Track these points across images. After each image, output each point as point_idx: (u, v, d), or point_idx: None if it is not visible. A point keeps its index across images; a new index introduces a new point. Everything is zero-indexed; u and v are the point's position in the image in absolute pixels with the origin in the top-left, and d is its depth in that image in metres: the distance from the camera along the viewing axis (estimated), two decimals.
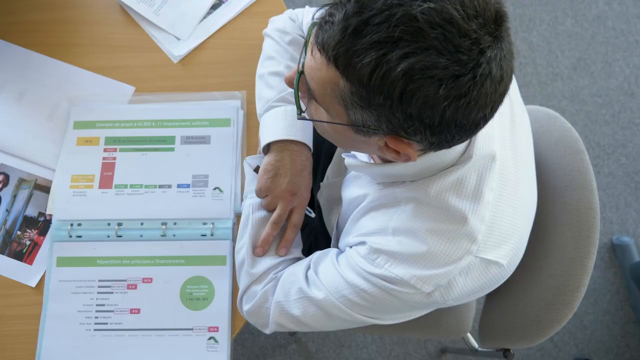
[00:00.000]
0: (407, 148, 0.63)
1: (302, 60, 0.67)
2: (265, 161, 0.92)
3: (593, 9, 2.09)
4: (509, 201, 0.75)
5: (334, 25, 0.57)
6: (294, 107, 0.93)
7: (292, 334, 1.71)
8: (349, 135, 0.67)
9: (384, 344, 1.72)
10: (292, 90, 0.92)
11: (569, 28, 2.07)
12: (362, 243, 0.78)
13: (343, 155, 0.83)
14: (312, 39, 0.64)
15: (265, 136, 0.92)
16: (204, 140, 1.04)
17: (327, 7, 0.60)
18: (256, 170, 0.96)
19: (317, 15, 0.62)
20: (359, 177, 0.87)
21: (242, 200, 1.00)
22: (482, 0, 0.56)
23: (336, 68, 0.59)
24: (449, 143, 0.63)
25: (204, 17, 1.13)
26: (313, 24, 0.67)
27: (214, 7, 1.13)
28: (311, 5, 1.09)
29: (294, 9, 1.05)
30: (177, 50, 1.11)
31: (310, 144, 0.93)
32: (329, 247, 1.03)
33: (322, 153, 1.16)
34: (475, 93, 0.56)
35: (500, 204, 0.74)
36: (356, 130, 0.65)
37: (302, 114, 0.69)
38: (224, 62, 1.11)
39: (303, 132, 0.92)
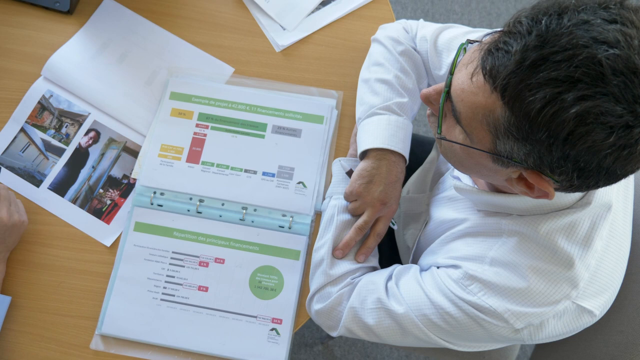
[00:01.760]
0: (545, 185, 0.63)
1: (448, 78, 0.67)
2: (361, 167, 0.92)
3: None
4: (613, 253, 0.74)
5: (509, 54, 0.57)
6: (398, 118, 0.93)
7: (328, 337, 1.71)
8: (482, 161, 0.66)
9: None
10: (398, 100, 0.93)
11: None
12: (455, 267, 0.78)
13: (453, 180, 0.83)
14: (466, 60, 0.64)
15: (365, 142, 0.92)
16: (294, 133, 1.05)
17: (498, 32, 0.60)
18: (348, 173, 0.96)
19: (487, 39, 0.62)
20: (455, 199, 0.86)
21: (323, 199, 1.00)
22: None
23: (501, 97, 0.59)
24: (588, 187, 0.63)
25: (312, 12, 1.13)
26: (463, 45, 0.67)
27: (324, 4, 1.14)
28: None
29: (407, 19, 1.05)
30: (281, 39, 1.11)
31: (407, 157, 0.93)
32: (393, 258, 1.03)
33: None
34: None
35: (605, 254, 0.73)
36: (495, 159, 0.64)
37: (441, 135, 0.69)
38: (325, 59, 1.11)
39: (403, 144, 0.92)
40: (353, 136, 1.02)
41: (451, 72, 0.67)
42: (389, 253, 1.12)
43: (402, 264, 1.12)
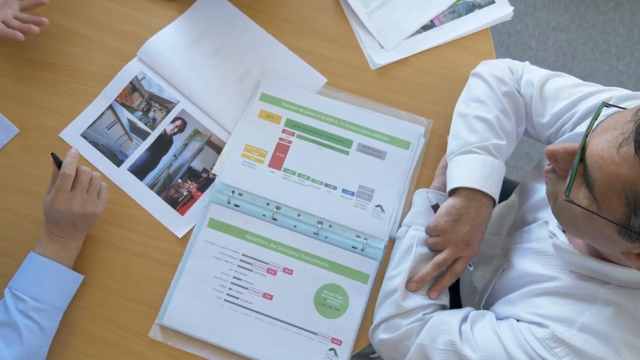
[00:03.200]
0: None
1: (583, 141, 0.65)
2: (449, 203, 0.90)
3: None
4: None
5: None
6: (494, 160, 0.91)
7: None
8: (604, 230, 0.65)
9: None
10: (496, 142, 0.91)
11: None
12: (540, 325, 0.76)
13: (547, 234, 0.81)
14: (608, 126, 0.62)
15: (458, 179, 0.91)
16: (379, 154, 1.03)
17: None
18: (434, 206, 0.95)
19: (633, 107, 0.60)
20: (544, 254, 0.84)
21: (399, 226, 0.99)
22: None
23: None
24: None
25: (413, 34, 1.12)
26: (604, 105, 0.65)
27: (425, 28, 1.12)
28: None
29: (506, 58, 1.03)
30: (378, 57, 1.10)
31: (497, 201, 0.91)
32: (452, 296, 1.01)
33: None
34: None
35: None
36: (622, 232, 0.63)
37: (569, 197, 0.67)
38: (419, 84, 1.09)
39: (495, 188, 0.90)
40: (440, 168, 1.00)
41: (586, 134, 0.65)
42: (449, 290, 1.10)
43: (461, 302, 1.11)
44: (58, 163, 0.91)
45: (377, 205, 1.00)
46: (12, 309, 0.88)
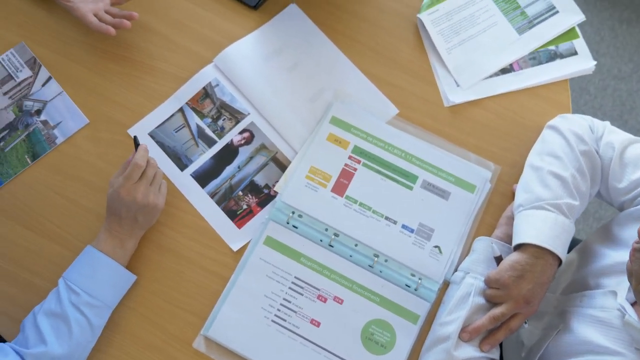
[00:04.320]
0: None
1: None
2: (514, 258, 0.89)
3: None
4: None
5: None
6: (565, 220, 0.90)
7: None
8: None
9: None
10: (569, 201, 0.90)
11: None
12: None
13: (620, 311, 0.79)
14: None
15: (526, 235, 0.89)
16: (443, 194, 1.02)
17: None
18: (497, 258, 0.93)
19: None
20: (608, 325, 0.82)
21: (455, 270, 0.97)
22: None
23: None
24: None
25: (490, 76, 1.10)
26: None
27: (503, 71, 1.11)
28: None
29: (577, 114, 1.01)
30: (452, 95, 1.08)
31: (564, 261, 0.89)
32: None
33: None
34: None
35: None
36: None
37: None
38: (490, 127, 1.08)
39: (563, 249, 0.89)
40: (504, 218, 0.99)
41: None
42: None
43: (502, 353, 1.09)
44: (137, 146, 0.94)
45: (436, 246, 0.99)
46: (65, 300, 0.88)
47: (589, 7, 2.03)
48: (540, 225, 0.89)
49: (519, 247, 0.90)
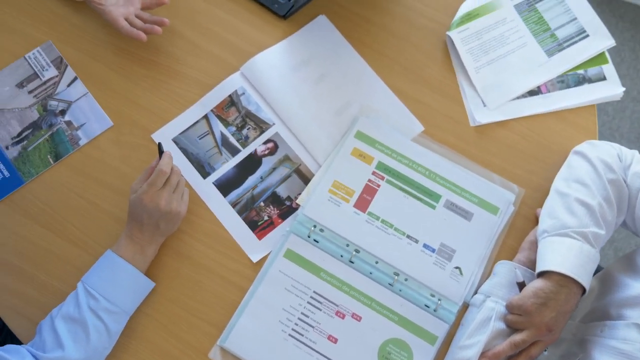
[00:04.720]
0: None
1: None
2: (538, 285, 0.88)
3: None
4: None
5: None
6: (590, 249, 0.89)
7: None
8: None
9: None
10: (595, 230, 0.89)
11: None
12: None
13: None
14: None
15: (551, 262, 0.88)
16: (465, 215, 1.01)
17: None
18: (520, 283, 0.92)
19: None
20: (631, 357, 0.82)
21: (475, 292, 0.97)
22: None
23: None
24: None
25: (517, 97, 1.09)
26: None
27: (531, 93, 1.10)
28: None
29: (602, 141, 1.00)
30: (479, 115, 1.08)
31: (587, 291, 0.89)
32: None
33: None
34: None
35: None
36: None
37: None
38: (515, 149, 1.07)
39: (587, 278, 0.88)
40: (528, 242, 0.98)
41: None
42: None
43: None
44: (161, 153, 0.92)
45: (456, 267, 0.98)
46: (83, 305, 0.88)
47: (611, 28, 2.02)
48: (566, 253, 0.88)
49: (543, 274, 0.89)
